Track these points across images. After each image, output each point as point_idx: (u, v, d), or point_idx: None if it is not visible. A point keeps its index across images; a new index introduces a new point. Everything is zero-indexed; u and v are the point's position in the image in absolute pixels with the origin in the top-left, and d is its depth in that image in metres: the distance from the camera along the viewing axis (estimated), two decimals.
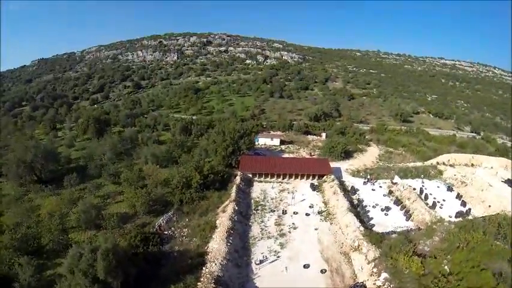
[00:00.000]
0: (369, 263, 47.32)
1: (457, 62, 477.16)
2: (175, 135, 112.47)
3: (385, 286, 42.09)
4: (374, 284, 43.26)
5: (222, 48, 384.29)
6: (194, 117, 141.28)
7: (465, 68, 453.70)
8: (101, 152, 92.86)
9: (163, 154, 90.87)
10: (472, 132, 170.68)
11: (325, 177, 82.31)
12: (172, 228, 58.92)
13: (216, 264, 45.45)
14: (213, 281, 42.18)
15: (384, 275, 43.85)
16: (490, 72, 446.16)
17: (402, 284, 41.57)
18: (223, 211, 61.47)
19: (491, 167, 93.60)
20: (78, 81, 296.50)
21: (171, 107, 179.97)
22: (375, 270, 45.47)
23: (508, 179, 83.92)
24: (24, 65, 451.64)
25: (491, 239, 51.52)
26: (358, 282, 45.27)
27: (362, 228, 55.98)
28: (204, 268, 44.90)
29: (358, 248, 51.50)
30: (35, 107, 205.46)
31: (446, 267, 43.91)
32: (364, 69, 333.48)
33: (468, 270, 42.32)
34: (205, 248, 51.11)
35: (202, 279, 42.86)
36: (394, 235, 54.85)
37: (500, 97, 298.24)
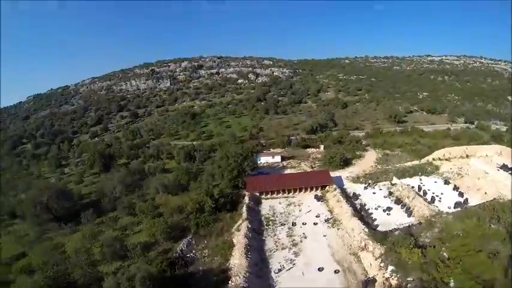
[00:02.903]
0: (376, 259, 51.80)
1: (443, 57, 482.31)
2: (181, 163, 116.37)
3: (392, 277, 46.64)
4: (383, 276, 47.83)
5: (214, 71, 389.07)
6: (195, 143, 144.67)
7: (452, 61, 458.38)
8: (112, 186, 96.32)
9: (172, 182, 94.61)
10: (466, 123, 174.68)
11: (327, 187, 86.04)
12: (193, 251, 63.03)
13: (239, 277, 49.72)
14: None
15: (391, 267, 48.46)
16: (478, 63, 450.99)
17: (407, 273, 46.09)
18: (238, 230, 65.70)
19: (486, 155, 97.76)
20: (75, 114, 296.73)
21: (171, 134, 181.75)
22: (382, 264, 49.97)
23: (504, 165, 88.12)
24: (20, 102, 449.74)
25: (485, 223, 56.28)
26: (369, 277, 49.88)
27: (367, 230, 60.42)
28: (230, 282, 49.32)
29: (365, 247, 55.96)
30: (36, 144, 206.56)
31: (444, 254, 48.54)
32: (354, 76, 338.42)
33: (464, 254, 47.00)
34: (227, 264, 55.51)
35: None
36: (397, 232, 59.22)
37: (489, 85, 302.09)
